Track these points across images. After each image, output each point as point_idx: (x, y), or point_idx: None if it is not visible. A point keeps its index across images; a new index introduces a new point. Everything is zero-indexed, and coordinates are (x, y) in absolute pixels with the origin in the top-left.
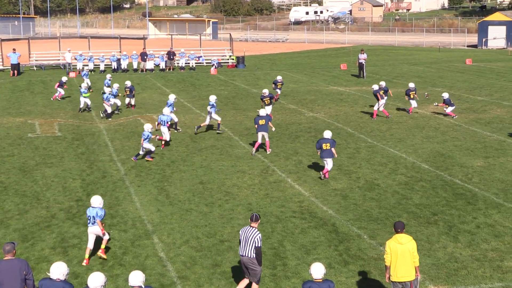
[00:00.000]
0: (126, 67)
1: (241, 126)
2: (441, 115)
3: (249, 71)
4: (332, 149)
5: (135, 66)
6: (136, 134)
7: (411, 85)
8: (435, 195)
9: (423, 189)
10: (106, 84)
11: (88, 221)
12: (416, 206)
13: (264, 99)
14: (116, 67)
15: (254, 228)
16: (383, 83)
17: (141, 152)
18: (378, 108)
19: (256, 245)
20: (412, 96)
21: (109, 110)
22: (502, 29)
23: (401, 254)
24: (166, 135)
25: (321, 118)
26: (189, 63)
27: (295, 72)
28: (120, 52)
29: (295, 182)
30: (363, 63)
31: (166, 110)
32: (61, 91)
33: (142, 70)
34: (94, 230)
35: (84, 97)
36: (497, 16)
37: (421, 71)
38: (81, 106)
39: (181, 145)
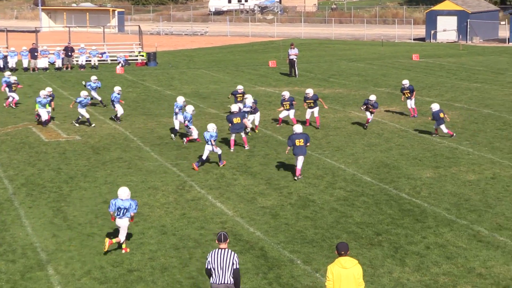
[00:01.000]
0: (14, 66)
1: (152, 135)
2: (386, 119)
3: (162, 69)
4: (307, 144)
5: (25, 65)
6: (27, 145)
7: (404, 81)
8: (378, 212)
9: (365, 205)
10: (89, 86)
11: (117, 213)
12: (357, 225)
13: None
14: (2, 66)
15: (226, 250)
16: (310, 91)
17: (219, 153)
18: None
19: (235, 267)
20: (407, 95)
21: (84, 117)
22: (453, 20)
23: (345, 280)
24: (194, 131)
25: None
26: (90, 60)
27: (216, 70)
28: (7, 47)
29: (216, 200)
30: (294, 59)
31: (189, 108)
32: (15, 96)
33: (33, 69)
34: (123, 223)
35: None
36: (446, 5)
37: (361, 69)
38: (44, 118)
39: (82, 158)
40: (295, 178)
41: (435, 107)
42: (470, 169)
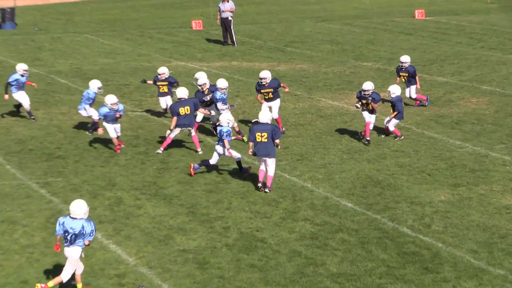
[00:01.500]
0: None
1: (9, 137)
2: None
3: (23, 34)
4: (277, 141)
5: None
6: None
7: (404, 59)
8: (366, 257)
9: (344, 246)
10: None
11: (65, 239)
12: (332, 277)
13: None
14: None
15: None
16: (267, 74)
17: (236, 157)
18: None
19: None
20: (404, 80)
21: None
22: None
23: None
24: (112, 132)
25: (157, 119)
26: None
27: (109, 36)
28: None
29: (110, 239)
30: (230, 18)
31: (110, 99)
32: None
33: None
34: (72, 253)
35: None
36: None
37: (336, 32)
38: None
39: None
40: (266, 190)
41: (395, 90)
42: (508, 188)
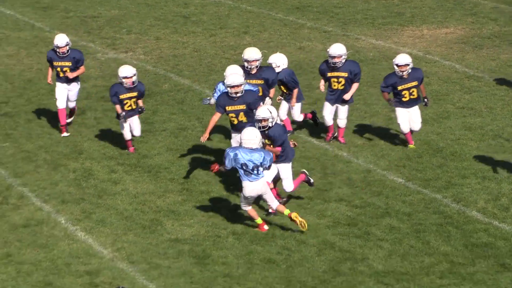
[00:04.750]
0: None
1: None
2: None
3: None
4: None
5: None
6: None
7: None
8: (422, 250)
9: (393, 235)
10: None
11: (244, 172)
12: (377, 276)
13: None
14: None
15: None
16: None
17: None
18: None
19: None
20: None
21: None
22: None
23: None
24: None
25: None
26: None
27: None
28: None
29: (77, 225)
30: None
31: None
32: None
33: None
34: (262, 184)
35: None
36: None
37: None
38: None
39: None
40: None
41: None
42: None
